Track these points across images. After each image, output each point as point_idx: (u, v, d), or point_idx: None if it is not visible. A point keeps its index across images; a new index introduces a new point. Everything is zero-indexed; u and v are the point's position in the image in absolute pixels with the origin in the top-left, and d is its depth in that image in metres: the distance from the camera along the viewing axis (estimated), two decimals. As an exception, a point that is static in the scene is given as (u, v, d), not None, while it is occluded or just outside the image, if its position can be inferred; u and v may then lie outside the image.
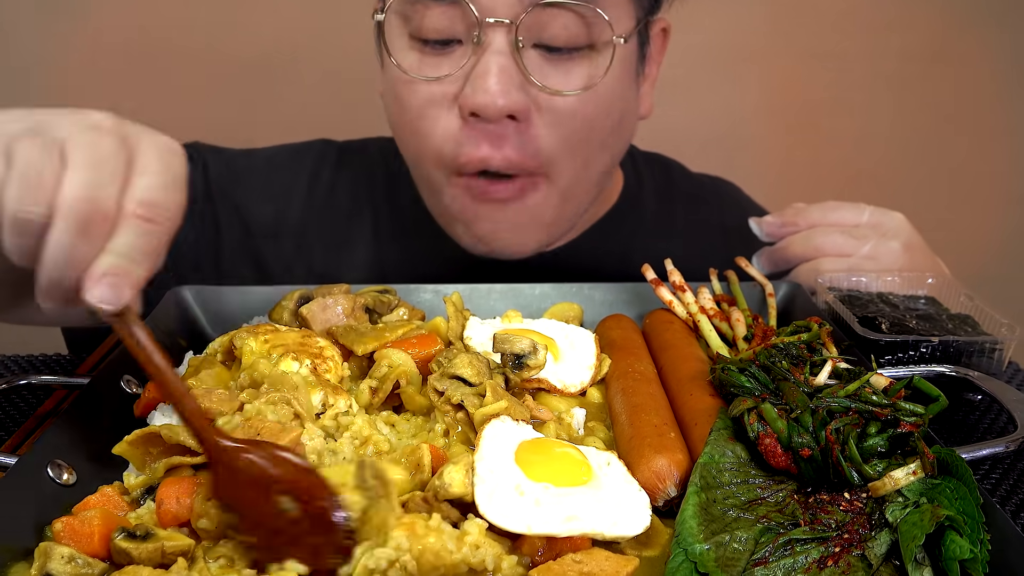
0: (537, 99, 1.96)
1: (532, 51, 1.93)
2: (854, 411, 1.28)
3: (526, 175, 2.05)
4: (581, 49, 1.96)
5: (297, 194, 2.49)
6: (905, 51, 4.05)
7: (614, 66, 1.98)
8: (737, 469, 1.28)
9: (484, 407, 1.38)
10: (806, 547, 1.15)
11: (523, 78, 1.93)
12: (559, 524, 1.18)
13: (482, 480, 1.23)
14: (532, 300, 1.95)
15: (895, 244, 2.00)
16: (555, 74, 1.96)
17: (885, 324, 1.74)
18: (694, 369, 1.57)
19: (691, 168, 2.72)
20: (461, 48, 1.95)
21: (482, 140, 1.98)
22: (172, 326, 1.80)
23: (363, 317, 1.74)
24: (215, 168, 2.45)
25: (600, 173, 2.20)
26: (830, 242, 2.01)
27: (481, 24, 1.88)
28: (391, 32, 2.04)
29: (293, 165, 2.54)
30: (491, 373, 1.50)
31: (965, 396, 1.75)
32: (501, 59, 1.90)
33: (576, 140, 2.04)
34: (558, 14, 1.89)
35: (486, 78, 1.89)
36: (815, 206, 2.10)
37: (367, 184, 2.51)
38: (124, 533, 1.16)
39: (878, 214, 2.05)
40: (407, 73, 1.99)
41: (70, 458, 1.34)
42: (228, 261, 2.39)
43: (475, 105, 1.91)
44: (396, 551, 1.12)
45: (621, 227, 2.48)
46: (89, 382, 1.55)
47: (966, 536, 1.11)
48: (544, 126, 1.99)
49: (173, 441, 1.30)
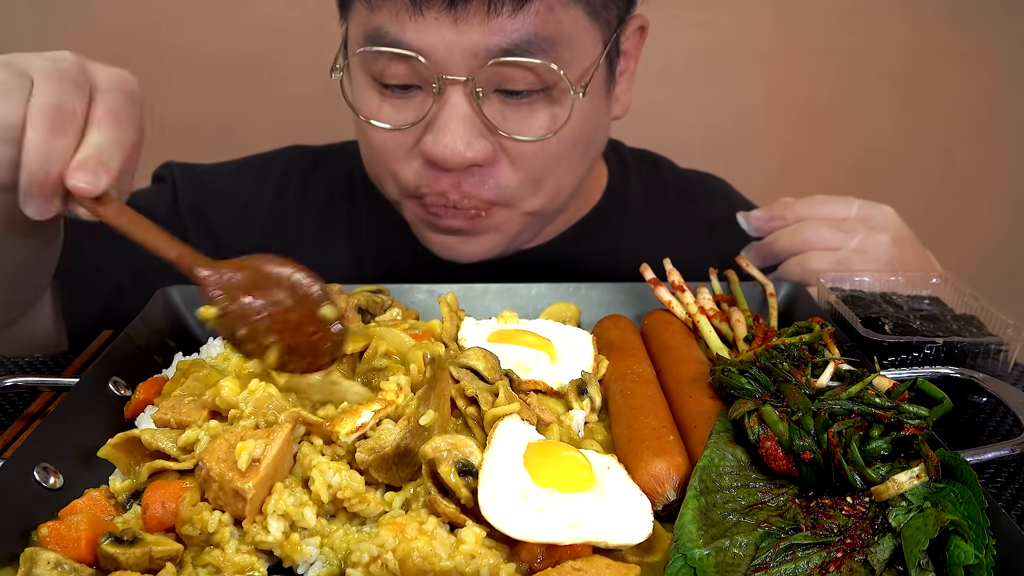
0: (501, 143, 1.98)
1: (493, 97, 1.94)
2: (857, 414, 1.27)
3: (483, 205, 2.07)
4: (542, 91, 1.95)
5: (262, 204, 2.52)
6: (910, 47, 4.05)
7: (580, 103, 1.97)
8: (737, 473, 1.28)
9: (496, 407, 1.38)
10: (808, 552, 1.15)
11: (485, 127, 1.94)
12: (562, 532, 1.18)
13: (489, 480, 1.22)
14: (528, 300, 1.94)
15: (884, 237, 2.01)
16: (517, 118, 1.96)
17: (888, 325, 1.73)
18: (693, 371, 1.57)
19: (692, 164, 2.72)
20: (422, 93, 1.96)
21: (442, 178, 2.01)
22: (161, 327, 1.80)
23: (356, 318, 1.74)
24: (184, 187, 2.49)
25: (572, 188, 2.21)
26: (818, 236, 2.02)
27: (439, 79, 1.88)
28: (355, 73, 2.05)
29: (260, 175, 2.57)
30: (501, 373, 1.50)
31: (970, 398, 1.75)
32: (461, 111, 1.91)
33: (541, 175, 2.06)
34: (515, 68, 1.89)
35: (446, 131, 1.91)
36: (803, 200, 2.11)
37: (345, 186, 2.53)
38: (111, 538, 1.16)
39: (866, 207, 2.05)
40: (368, 121, 2.01)
41: (57, 461, 1.34)
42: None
43: (436, 157, 1.93)
44: (379, 548, 1.13)
45: (606, 225, 2.49)
46: (76, 384, 1.54)
47: (971, 541, 1.11)
48: (508, 166, 2.01)
49: (152, 447, 1.31)
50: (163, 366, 1.70)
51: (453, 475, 1.23)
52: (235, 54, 3.79)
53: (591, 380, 1.55)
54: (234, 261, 1.39)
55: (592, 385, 1.54)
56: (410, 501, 1.28)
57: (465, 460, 1.25)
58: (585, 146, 2.12)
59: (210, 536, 1.20)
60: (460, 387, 1.44)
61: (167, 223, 2.34)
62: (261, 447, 1.23)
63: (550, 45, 1.88)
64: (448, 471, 1.23)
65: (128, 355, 1.66)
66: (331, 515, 1.26)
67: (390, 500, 1.28)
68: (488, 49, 1.85)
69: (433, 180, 2.01)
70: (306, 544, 1.20)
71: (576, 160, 2.12)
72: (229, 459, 1.22)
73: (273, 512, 1.19)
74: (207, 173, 2.56)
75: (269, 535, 1.18)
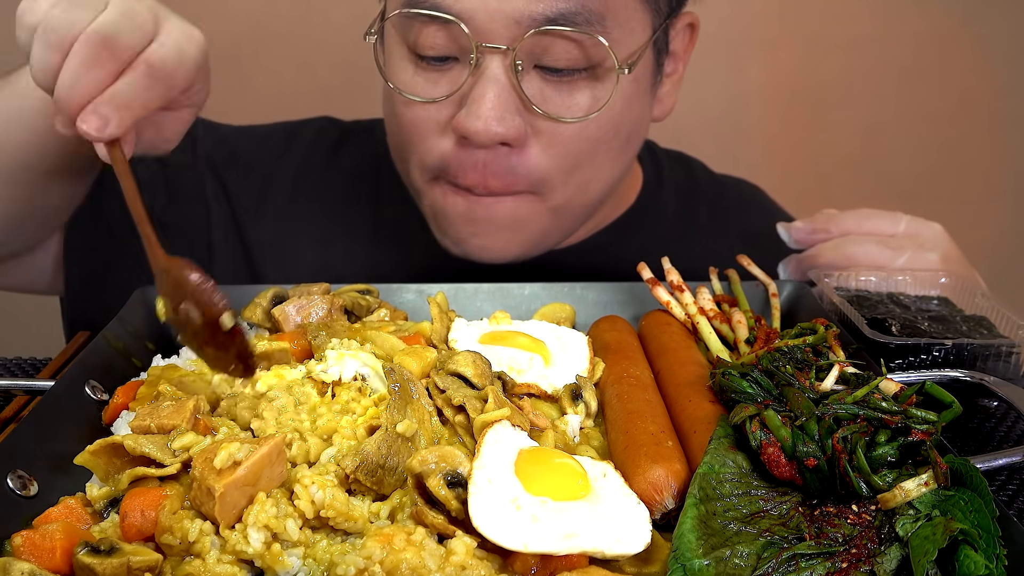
0: (535, 123, 1.95)
1: (532, 73, 1.93)
2: (862, 418, 1.27)
3: (510, 193, 2.04)
4: (585, 70, 1.94)
5: (286, 173, 2.50)
6: (918, 38, 4.05)
7: (623, 87, 1.96)
8: (738, 480, 1.28)
9: (486, 413, 1.38)
10: (811, 563, 1.15)
11: (521, 104, 1.92)
12: (557, 542, 1.18)
13: (479, 491, 1.22)
14: (521, 301, 1.94)
15: (933, 256, 1.99)
16: (556, 98, 1.94)
17: (895, 326, 1.73)
18: (693, 374, 1.57)
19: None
20: (459, 66, 1.94)
21: (469, 162, 1.98)
22: (139, 328, 1.79)
23: (341, 319, 1.74)
24: (208, 145, 2.46)
25: (605, 185, 2.18)
26: (863, 252, 1.99)
27: (477, 48, 1.87)
28: (389, 42, 2.04)
29: (286, 143, 2.54)
30: (492, 377, 1.50)
31: (980, 402, 1.75)
32: (498, 85, 1.89)
33: (575, 163, 2.04)
34: (559, 39, 1.87)
35: (481, 104, 1.88)
36: (848, 213, 2.08)
37: (373, 167, 2.50)
38: (87, 548, 1.16)
39: (915, 224, 2.03)
40: (402, 93, 1.99)
41: (31, 468, 1.33)
42: (216, 244, 2.40)
43: (468, 131, 1.90)
44: (366, 560, 1.13)
45: (639, 229, 2.46)
46: (52, 387, 1.54)
47: (981, 551, 1.11)
48: (540, 150, 1.99)
49: (136, 452, 1.31)
50: (142, 369, 1.70)
51: (443, 488, 1.23)
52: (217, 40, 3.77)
53: (586, 384, 1.55)
54: (172, 259, 1.49)
55: (587, 389, 1.54)
56: (396, 511, 1.28)
57: (454, 472, 1.25)
58: (626, 138, 2.09)
59: (190, 545, 1.20)
60: (446, 396, 1.44)
61: (185, 178, 2.39)
62: (245, 451, 1.23)
63: (597, 19, 1.86)
64: (437, 484, 1.23)
65: (105, 357, 1.66)
66: (314, 527, 1.26)
67: (376, 510, 1.28)
68: (532, 17, 1.83)
69: (460, 163, 1.99)
70: (288, 555, 1.20)
71: (613, 152, 2.09)
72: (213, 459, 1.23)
73: (254, 523, 1.19)
74: (234, 135, 2.54)
75: (249, 546, 1.18)
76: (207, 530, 1.21)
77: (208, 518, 1.22)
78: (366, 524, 1.25)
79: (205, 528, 1.21)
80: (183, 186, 2.40)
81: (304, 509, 1.22)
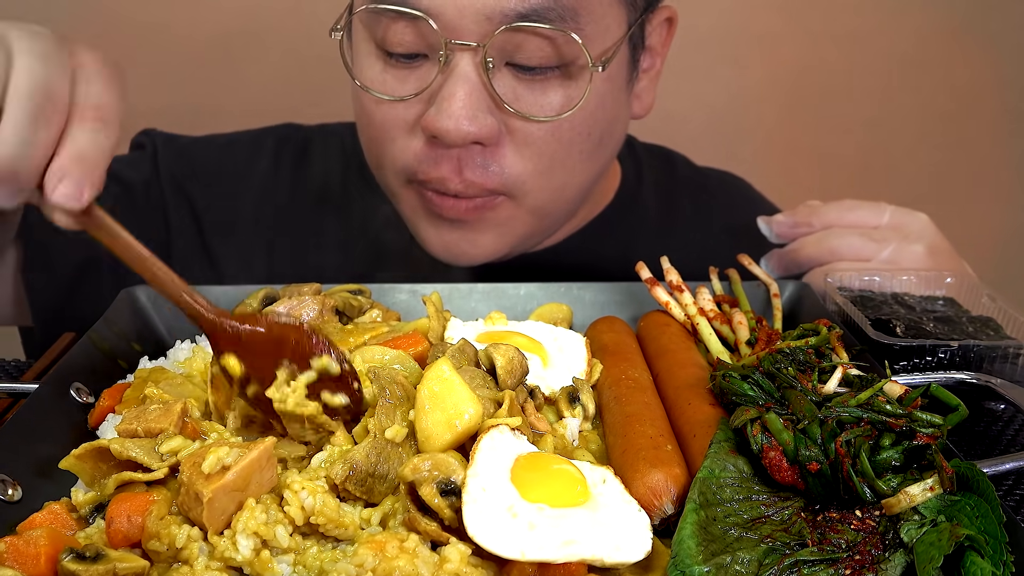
0: (509, 123, 1.95)
1: (504, 71, 1.92)
2: (866, 422, 1.27)
3: (486, 194, 2.03)
4: (558, 68, 1.93)
5: (252, 185, 2.48)
6: (923, 32, 4.06)
7: (596, 85, 1.95)
8: (739, 484, 1.28)
9: (496, 416, 1.37)
10: (814, 569, 1.15)
11: (493, 102, 1.91)
12: (556, 549, 1.17)
13: (473, 500, 1.21)
14: (517, 301, 1.94)
15: (918, 248, 1.98)
16: (529, 96, 1.94)
17: (900, 327, 1.74)
18: (693, 376, 1.56)
19: (688, 156, 2.72)
20: (428, 63, 1.94)
21: (442, 161, 1.97)
22: (126, 329, 1.79)
23: (332, 319, 1.74)
24: (166, 158, 2.45)
25: (581, 187, 2.18)
26: (846, 245, 1.98)
27: (446, 45, 1.86)
28: (357, 39, 2.03)
29: (251, 152, 2.53)
30: (521, 381, 1.49)
31: (987, 405, 1.75)
32: (468, 83, 1.88)
33: (549, 165, 2.03)
34: (530, 36, 1.87)
35: (451, 102, 1.87)
36: (831, 204, 2.07)
37: (340, 172, 2.49)
38: (72, 554, 1.16)
39: (900, 214, 2.02)
40: (369, 91, 1.99)
41: (15, 472, 1.33)
42: (179, 262, 2.35)
43: (438, 130, 1.89)
44: (358, 568, 1.13)
45: (619, 226, 2.46)
46: (36, 390, 1.54)
47: (988, 557, 1.11)
48: (514, 149, 1.98)
49: (123, 457, 1.30)
50: (128, 371, 1.69)
51: (436, 497, 1.22)
52: (204, 34, 3.78)
53: (583, 386, 1.55)
54: (242, 316, 1.43)
55: (585, 392, 1.54)
56: (387, 517, 1.28)
57: (447, 480, 1.24)
58: (599, 138, 2.08)
59: (178, 552, 1.20)
60: None
61: (144, 194, 2.34)
62: (234, 455, 1.23)
63: (571, 15, 1.86)
64: (430, 492, 1.22)
65: (91, 360, 1.66)
66: (304, 533, 1.26)
67: (367, 517, 1.28)
68: (503, 13, 1.82)
69: (433, 163, 1.98)
70: (278, 562, 1.19)
71: (588, 152, 2.08)
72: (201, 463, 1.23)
73: (243, 529, 1.19)
74: (193, 146, 2.53)
75: (238, 553, 1.18)
76: (195, 536, 1.21)
77: (196, 524, 1.22)
78: (357, 531, 1.25)
79: (193, 534, 1.21)
80: (140, 202, 2.37)
81: (294, 515, 1.22)
